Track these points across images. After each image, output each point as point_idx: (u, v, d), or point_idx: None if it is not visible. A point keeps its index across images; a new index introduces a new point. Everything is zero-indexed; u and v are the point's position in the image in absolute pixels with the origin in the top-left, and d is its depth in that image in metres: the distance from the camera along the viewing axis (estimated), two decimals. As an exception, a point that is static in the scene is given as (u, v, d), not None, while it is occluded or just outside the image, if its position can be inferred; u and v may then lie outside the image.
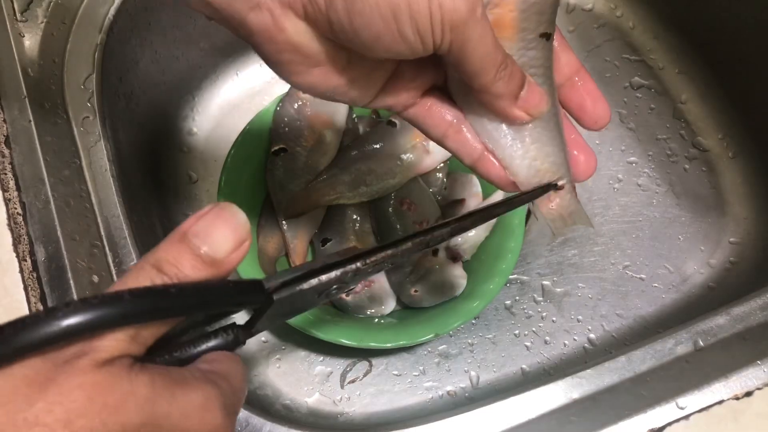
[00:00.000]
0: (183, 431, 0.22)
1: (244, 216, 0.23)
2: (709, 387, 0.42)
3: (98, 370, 0.20)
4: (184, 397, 0.22)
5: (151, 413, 0.21)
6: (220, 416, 0.23)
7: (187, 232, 0.23)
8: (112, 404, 0.20)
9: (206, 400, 0.22)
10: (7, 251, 0.43)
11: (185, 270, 0.22)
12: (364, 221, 0.56)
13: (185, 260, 0.23)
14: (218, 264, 0.23)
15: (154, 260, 0.23)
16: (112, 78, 0.53)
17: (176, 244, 0.23)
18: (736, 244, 0.62)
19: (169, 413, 0.21)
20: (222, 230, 0.23)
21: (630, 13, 0.71)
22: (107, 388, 0.20)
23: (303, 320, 0.49)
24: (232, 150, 0.54)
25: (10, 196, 0.45)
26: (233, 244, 0.23)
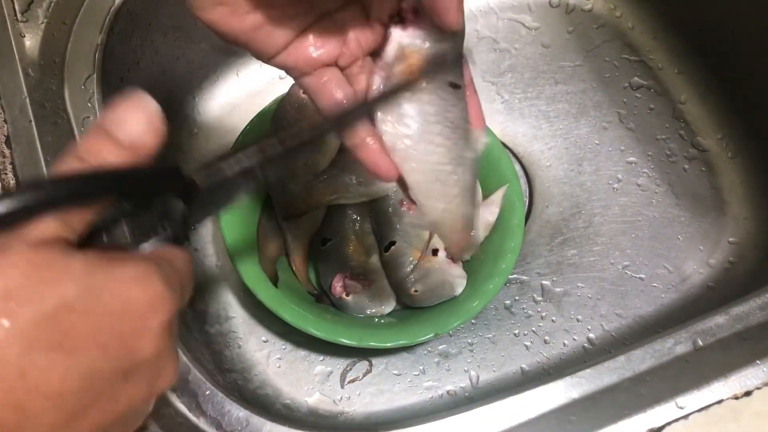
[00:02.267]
0: (122, 298, 0.22)
1: (155, 103, 0.25)
2: (709, 386, 0.42)
3: (32, 250, 0.21)
4: (121, 269, 0.22)
5: (88, 284, 0.21)
6: (161, 285, 0.23)
7: (104, 121, 0.24)
8: (49, 278, 0.21)
9: (144, 271, 0.23)
10: (7, 251, 0.43)
11: (105, 156, 0.24)
12: (364, 221, 0.56)
13: (103, 147, 0.24)
14: (135, 148, 0.24)
15: (76, 152, 0.24)
16: (113, 78, 0.53)
17: (94, 134, 0.24)
18: (735, 244, 0.62)
19: (107, 282, 0.22)
20: (135, 115, 0.24)
21: (629, 13, 0.71)
22: (42, 264, 0.21)
23: (303, 319, 0.49)
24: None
25: (11, 196, 0.45)
26: (147, 127, 0.25)
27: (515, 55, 0.70)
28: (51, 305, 0.20)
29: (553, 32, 0.71)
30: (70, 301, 0.21)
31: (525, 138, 0.66)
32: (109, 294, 0.22)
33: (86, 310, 0.21)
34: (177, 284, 0.24)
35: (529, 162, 0.65)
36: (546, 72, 0.69)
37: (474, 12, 0.71)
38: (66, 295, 0.21)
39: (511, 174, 0.55)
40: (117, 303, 0.22)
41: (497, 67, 0.69)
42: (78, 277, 0.21)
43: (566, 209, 0.63)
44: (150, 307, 0.23)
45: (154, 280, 0.23)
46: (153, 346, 0.23)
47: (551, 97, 0.68)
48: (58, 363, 0.21)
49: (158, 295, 0.23)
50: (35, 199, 0.21)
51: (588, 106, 0.68)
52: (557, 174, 0.64)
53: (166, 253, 0.26)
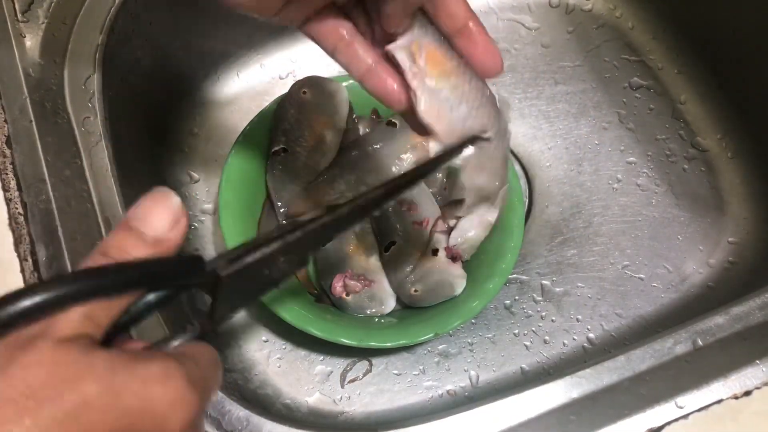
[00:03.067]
0: (142, 397, 0.22)
1: (176, 197, 0.26)
2: (708, 386, 0.42)
3: (56, 348, 0.21)
4: (144, 368, 0.22)
5: (109, 383, 0.21)
6: (184, 386, 0.23)
7: (130, 218, 0.25)
8: (71, 377, 0.21)
9: (167, 370, 0.23)
10: (8, 251, 0.43)
11: (130, 251, 0.24)
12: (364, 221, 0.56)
13: (128, 243, 0.25)
14: (159, 243, 0.25)
15: (101, 248, 0.25)
16: (113, 78, 0.53)
17: (120, 231, 0.25)
18: (735, 244, 0.62)
19: (129, 382, 0.22)
20: (158, 211, 0.25)
21: (629, 13, 0.71)
22: (66, 363, 0.21)
23: (303, 319, 0.49)
24: (233, 150, 0.54)
25: (11, 196, 0.45)
26: (170, 222, 0.25)
27: (515, 55, 0.70)
28: (72, 404, 0.21)
29: (553, 32, 0.71)
30: (91, 400, 0.21)
31: (525, 138, 0.66)
32: (130, 393, 0.22)
33: (107, 409, 0.21)
34: (200, 382, 0.24)
35: (529, 162, 0.65)
36: (546, 72, 0.69)
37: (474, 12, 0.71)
38: (87, 394, 0.21)
39: (511, 174, 0.55)
40: (138, 402, 0.22)
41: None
42: (99, 376, 0.21)
43: (566, 209, 0.63)
44: (171, 407, 0.23)
45: (177, 379, 0.23)
46: None
47: (551, 97, 0.68)
48: None
49: (180, 395, 0.23)
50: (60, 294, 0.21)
51: (588, 106, 0.68)
52: (557, 174, 0.65)
53: (191, 350, 0.26)
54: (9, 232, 0.43)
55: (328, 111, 0.56)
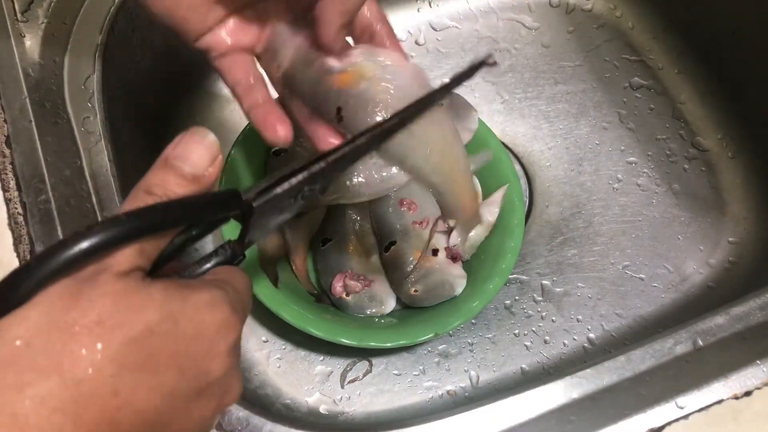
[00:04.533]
0: (196, 323, 0.24)
1: (213, 136, 0.27)
2: (709, 386, 0.42)
3: (117, 281, 0.23)
4: (194, 296, 0.25)
5: (168, 311, 0.24)
6: (228, 310, 0.25)
7: (168, 156, 0.27)
8: (135, 306, 0.23)
9: (213, 298, 0.25)
10: (7, 251, 0.43)
11: (172, 188, 0.26)
12: (364, 221, 0.56)
13: (170, 180, 0.26)
14: (199, 179, 0.26)
15: (144, 186, 0.26)
16: (113, 78, 0.53)
17: (161, 169, 0.26)
18: (735, 244, 0.62)
19: (183, 309, 0.24)
20: (197, 149, 0.27)
21: (629, 13, 0.71)
22: (128, 293, 0.23)
23: (303, 319, 0.49)
24: (233, 150, 0.54)
25: (11, 196, 0.45)
26: (209, 160, 0.27)
27: (515, 55, 0.70)
28: (137, 330, 0.23)
29: (553, 32, 0.71)
30: (153, 326, 0.23)
31: (525, 138, 0.66)
32: (185, 319, 0.24)
33: (166, 335, 0.23)
34: (240, 307, 0.27)
35: (529, 162, 0.65)
36: (546, 72, 0.69)
37: (474, 12, 0.71)
38: (149, 321, 0.23)
39: (511, 174, 0.55)
40: (192, 328, 0.24)
41: (497, 67, 0.69)
42: (159, 305, 0.23)
43: (566, 209, 0.63)
44: (219, 330, 0.25)
45: (223, 305, 0.25)
46: (222, 367, 0.25)
47: (551, 97, 0.68)
48: (145, 382, 0.23)
49: (226, 320, 0.25)
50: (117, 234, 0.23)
51: (588, 106, 0.68)
52: (557, 174, 0.64)
53: (230, 276, 0.28)
54: (8, 232, 0.43)
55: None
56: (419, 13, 0.70)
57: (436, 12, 0.71)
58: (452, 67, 0.69)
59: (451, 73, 0.70)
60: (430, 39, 0.70)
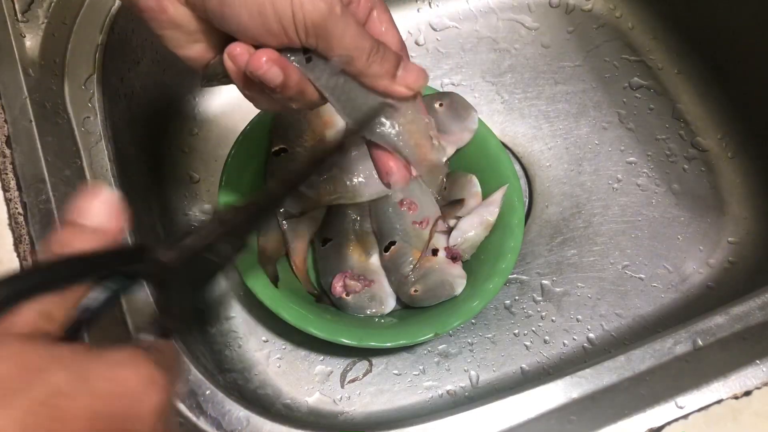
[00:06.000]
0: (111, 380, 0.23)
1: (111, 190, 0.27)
2: (708, 386, 0.42)
3: (17, 343, 0.22)
4: (109, 355, 0.23)
5: (77, 369, 0.22)
6: (151, 368, 0.24)
7: (68, 214, 0.26)
8: (38, 367, 0.21)
9: (132, 355, 0.24)
10: (8, 251, 0.43)
11: (72, 244, 0.25)
12: (364, 221, 0.56)
13: (69, 237, 0.25)
14: (100, 233, 0.26)
15: (48, 247, 0.25)
16: (113, 78, 0.53)
17: (63, 228, 0.26)
18: (735, 244, 0.62)
19: (96, 368, 0.22)
20: (95, 203, 0.26)
21: (629, 13, 0.71)
22: (30, 354, 0.22)
23: (303, 319, 0.49)
24: (233, 150, 0.54)
25: (11, 196, 0.45)
26: (107, 212, 0.26)
27: (515, 55, 0.70)
28: (43, 393, 0.21)
29: (553, 32, 0.71)
30: (61, 386, 0.21)
31: (525, 138, 0.66)
32: (99, 377, 0.22)
33: (78, 394, 0.22)
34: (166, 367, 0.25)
35: (529, 162, 0.65)
36: (546, 72, 0.69)
37: (474, 12, 0.71)
38: (56, 381, 0.21)
39: (511, 174, 0.55)
40: (108, 385, 0.22)
41: (497, 67, 0.69)
42: (66, 364, 0.22)
43: (566, 209, 0.63)
44: (143, 388, 0.23)
45: (144, 362, 0.24)
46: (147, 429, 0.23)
47: (551, 97, 0.68)
48: None
49: (150, 377, 0.23)
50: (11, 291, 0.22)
51: (588, 106, 0.68)
52: (557, 174, 0.65)
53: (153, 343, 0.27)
54: (9, 232, 0.43)
55: (327, 111, 0.56)
56: (419, 13, 0.70)
57: (436, 12, 0.71)
58: (452, 67, 0.69)
59: (452, 73, 0.70)
60: (430, 39, 0.70)
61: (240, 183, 0.54)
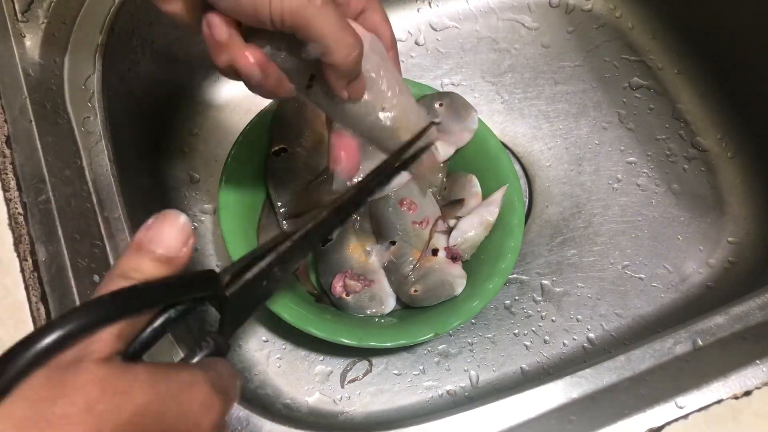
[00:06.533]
0: (179, 402, 0.24)
1: (185, 217, 0.27)
2: (708, 386, 0.42)
3: (100, 366, 0.23)
4: (177, 376, 0.25)
5: (154, 392, 0.23)
6: (209, 391, 0.25)
7: (141, 240, 0.27)
8: (122, 390, 0.23)
9: (193, 376, 0.25)
10: (8, 251, 0.43)
11: (147, 272, 0.26)
12: (364, 221, 0.56)
13: (144, 264, 0.26)
14: (172, 261, 0.27)
15: (119, 271, 0.26)
16: (113, 78, 0.53)
17: (135, 253, 0.26)
18: (734, 244, 0.62)
19: (168, 390, 0.24)
20: (170, 232, 0.27)
21: (629, 13, 0.71)
22: (114, 378, 0.23)
23: (303, 319, 0.49)
24: (233, 150, 0.54)
25: (11, 196, 0.45)
26: (182, 241, 0.27)
27: (515, 55, 0.70)
28: (128, 414, 0.23)
29: (553, 32, 0.71)
30: (142, 408, 0.23)
31: (525, 138, 0.66)
32: (170, 398, 0.24)
33: (155, 415, 0.23)
34: (222, 389, 0.26)
35: (529, 162, 0.65)
36: (546, 72, 0.69)
37: (474, 12, 0.71)
38: (138, 403, 0.23)
39: (511, 174, 0.55)
40: (176, 406, 0.24)
41: (497, 67, 0.69)
42: (146, 387, 0.23)
43: (566, 209, 0.63)
44: (202, 409, 0.25)
45: (203, 384, 0.25)
46: None
47: (551, 97, 0.68)
48: None
49: (208, 398, 0.25)
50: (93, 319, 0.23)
51: (588, 106, 0.68)
52: (557, 174, 0.65)
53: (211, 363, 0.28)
54: (9, 232, 0.43)
55: (328, 111, 0.56)
56: (419, 13, 0.70)
57: (436, 12, 0.71)
58: (452, 67, 0.69)
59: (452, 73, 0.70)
60: (430, 39, 0.70)
61: (240, 183, 0.54)
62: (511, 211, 0.54)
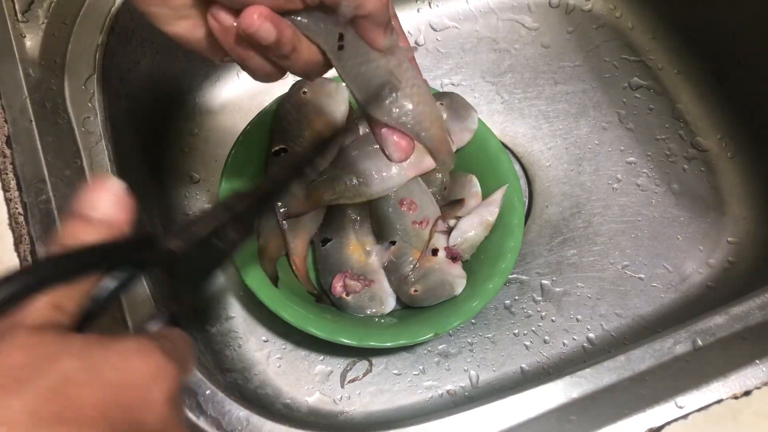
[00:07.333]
0: (122, 370, 0.23)
1: (118, 181, 0.27)
2: (708, 386, 0.42)
3: (31, 333, 0.22)
4: (119, 344, 0.23)
5: (88, 358, 0.22)
6: (160, 357, 0.24)
7: (76, 206, 0.26)
8: (50, 356, 0.22)
9: (140, 344, 0.24)
10: (8, 251, 0.43)
11: (82, 237, 0.25)
12: (364, 221, 0.56)
13: (78, 229, 0.25)
14: (108, 224, 0.26)
15: (56, 240, 0.25)
16: (113, 78, 0.53)
17: (70, 220, 0.26)
18: (734, 244, 0.62)
19: (106, 356, 0.23)
20: (102, 195, 0.26)
21: (629, 13, 0.71)
22: (42, 344, 0.22)
23: (303, 319, 0.49)
24: (233, 150, 0.54)
25: (12, 196, 0.45)
26: (114, 203, 0.26)
27: (515, 55, 0.70)
28: (53, 379, 0.21)
29: (553, 32, 0.71)
30: (72, 375, 0.22)
31: (525, 138, 0.66)
32: (109, 366, 0.23)
33: (89, 383, 0.22)
34: (177, 357, 0.25)
35: (529, 162, 0.65)
36: (546, 72, 0.69)
37: (474, 12, 0.71)
38: (67, 369, 0.22)
39: (511, 174, 0.55)
40: (119, 375, 0.23)
41: (497, 67, 0.69)
42: (77, 353, 0.22)
43: (566, 209, 0.63)
44: (152, 378, 0.24)
45: (153, 351, 0.24)
46: (158, 418, 0.24)
47: (551, 97, 0.68)
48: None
49: (160, 366, 0.24)
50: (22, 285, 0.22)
51: (588, 106, 0.68)
52: (557, 174, 0.65)
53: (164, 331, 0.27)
54: (9, 232, 0.43)
55: (328, 111, 0.56)
56: (419, 13, 0.70)
57: (436, 12, 0.71)
58: (452, 67, 0.69)
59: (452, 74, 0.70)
60: (430, 39, 0.70)
61: (240, 183, 0.54)
62: (511, 211, 0.54)
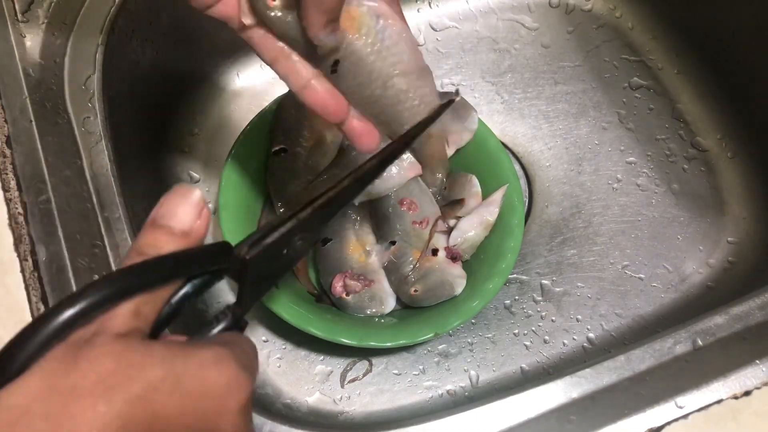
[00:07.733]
0: (201, 380, 0.24)
1: (197, 191, 0.27)
2: (708, 386, 0.42)
3: (116, 341, 0.23)
4: (198, 354, 0.24)
5: (170, 367, 0.23)
6: (235, 367, 0.25)
7: (155, 216, 0.27)
8: (136, 364, 0.22)
9: (217, 354, 0.25)
10: (8, 251, 0.43)
11: (163, 246, 0.26)
12: (364, 221, 0.56)
13: (160, 239, 0.26)
14: (188, 234, 0.27)
15: (136, 248, 0.26)
16: (113, 78, 0.53)
17: (150, 229, 0.26)
18: (734, 244, 0.62)
19: (186, 367, 0.23)
20: (183, 206, 0.27)
21: (629, 13, 0.71)
22: (128, 352, 0.23)
23: (303, 319, 0.49)
24: (233, 150, 0.54)
25: (12, 196, 0.45)
26: (195, 214, 0.27)
27: (515, 55, 0.70)
28: (139, 388, 0.22)
29: (553, 32, 0.71)
30: (156, 384, 0.22)
31: (525, 138, 0.66)
32: (189, 376, 0.23)
33: (171, 392, 0.23)
34: (248, 366, 0.26)
35: (529, 162, 0.65)
36: (546, 72, 0.69)
37: (474, 12, 0.71)
38: (152, 378, 0.22)
39: (511, 174, 0.55)
40: (197, 385, 0.24)
41: (497, 67, 0.69)
42: (161, 362, 0.23)
43: (566, 209, 0.63)
44: (228, 388, 0.24)
45: (229, 362, 0.25)
46: (233, 427, 0.25)
47: (551, 97, 0.68)
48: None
49: (234, 377, 0.25)
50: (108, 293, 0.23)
51: (588, 106, 0.68)
52: (557, 174, 0.65)
53: (233, 338, 0.28)
54: (9, 232, 0.43)
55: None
56: (419, 13, 0.70)
57: (436, 12, 0.71)
58: (452, 67, 0.69)
59: (452, 74, 0.70)
60: (430, 39, 0.70)
61: (240, 183, 0.54)
62: (511, 211, 0.54)
